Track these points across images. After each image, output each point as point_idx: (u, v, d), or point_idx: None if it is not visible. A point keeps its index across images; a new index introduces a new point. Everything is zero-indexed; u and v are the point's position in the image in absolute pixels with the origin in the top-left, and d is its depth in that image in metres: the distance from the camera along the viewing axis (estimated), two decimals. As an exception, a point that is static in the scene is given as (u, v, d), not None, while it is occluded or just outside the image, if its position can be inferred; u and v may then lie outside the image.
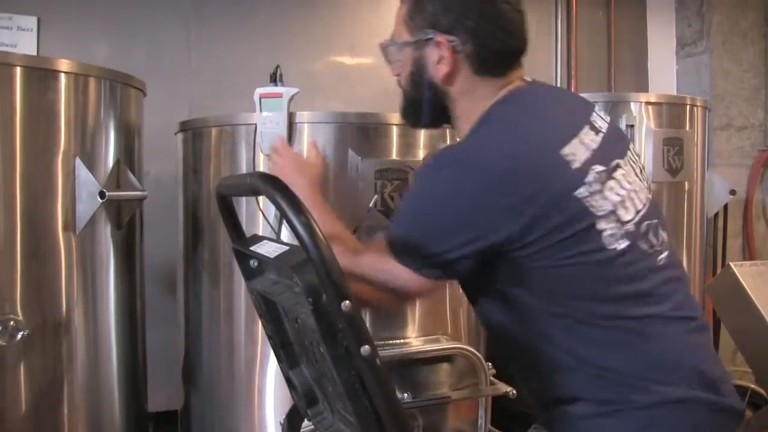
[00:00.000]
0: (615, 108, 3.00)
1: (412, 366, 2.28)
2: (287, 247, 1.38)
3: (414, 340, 2.36)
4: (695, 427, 1.50)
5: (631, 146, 1.68)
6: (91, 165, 2.17)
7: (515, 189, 1.44)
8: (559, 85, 4.37)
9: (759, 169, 4.50)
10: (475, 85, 1.65)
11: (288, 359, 1.68)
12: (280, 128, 2.25)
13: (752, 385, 3.42)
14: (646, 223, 1.55)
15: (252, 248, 1.54)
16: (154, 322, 2.78)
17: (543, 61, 4.38)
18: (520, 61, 1.69)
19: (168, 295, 3.06)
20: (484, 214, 1.46)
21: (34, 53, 3.24)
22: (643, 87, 4.57)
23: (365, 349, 1.14)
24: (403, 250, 1.54)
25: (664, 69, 4.63)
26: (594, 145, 1.53)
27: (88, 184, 2.13)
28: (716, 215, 3.70)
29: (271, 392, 2.40)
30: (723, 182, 3.45)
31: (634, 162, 1.63)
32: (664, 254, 1.57)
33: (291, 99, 2.24)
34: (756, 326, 2.87)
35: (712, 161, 4.26)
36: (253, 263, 1.63)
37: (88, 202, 2.13)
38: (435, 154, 1.63)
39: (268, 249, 1.47)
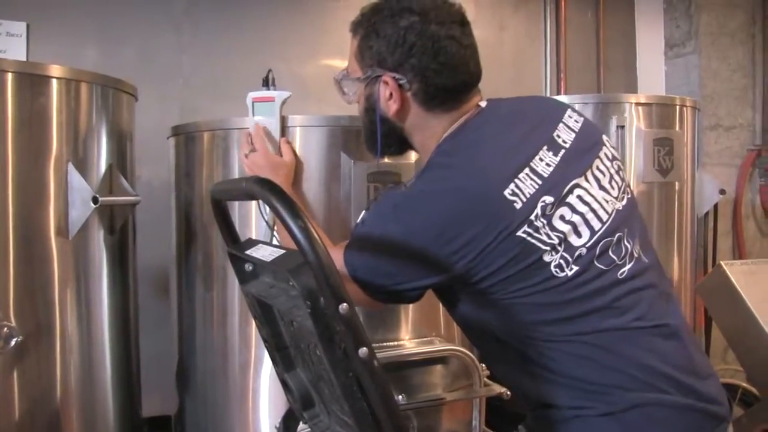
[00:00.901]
0: (605, 109, 3.01)
1: (407, 368, 2.28)
2: (283, 251, 1.39)
3: (408, 342, 2.37)
4: (662, 428, 1.53)
5: (604, 149, 1.68)
6: (84, 170, 2.16)
7: (456, 237, 1.47)
8: (548, 86, 4.39)
9: (747, 169, 4.52)
10: (427, 120, 1.69)
11: (284, 362, 1.68)
12: (272, 132, 2.25)
13: (743, 384, 3.44)
14: (605, 241, 1.55)
15: (247, 252, 1.54)
16: (148, 326, 2.77)
17: (532, 62, 4.40)
18: (475, 90, 1.71)
19: (161, 300, 3.05)
20: (426, 260, 1.51)
21: (24, 59, 3.23)
22: (633, 88, 4.58)
23: (363, 351, 1.15)
24: (353, 271, 1.58)
25: (653, 69, 4.65)
26: (547, 172, 1.54)
27: (80, 189, 2.12)
28: (706, 215, 3.71)
29: (265, 396, 2.40)
30: (713, 182, 3.46)
31: (602, 171, 1.63)
32: (628, 266, 1.58)
33: (284, 103, 2.24)
34: (747, 325, 2.88)
35: (702, 161, 4.28)
36: (248, 267, 1.63)
37: (81, 208, 2.13)
38: (387, 194, 1.67)
39: (263, 253, 1.47)
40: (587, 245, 1.53)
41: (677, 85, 4.55)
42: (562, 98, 3.21)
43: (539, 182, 1.52)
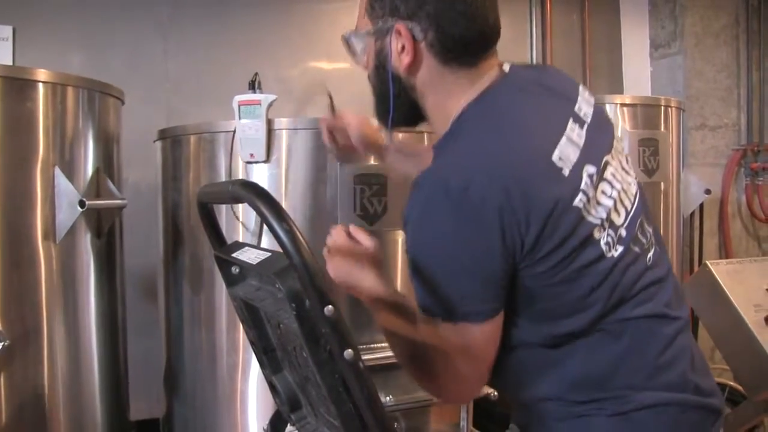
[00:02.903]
0: (591, 110, 3.02)
1: (394, 369, 2.28)
2: (269, 254, 1.39)
3: (395, 344, 2.37)
4: (670, 428, 1.48)
5: (615, 133, 1.60)
6: (71, 174, 2.17)
7: (515, 212, 1.32)
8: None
9: (733, 168, 4.54)
10: (444, 76, 1.54)
11: (271, 365, 1.68)
12: (259, 135, 2.26)
13: (730, 383, 3.45)
14: (636, 222, 1.50)
15: (234, 255, 1.54)
16: (136, 329, 2.77)
17: (519, 64, 4.41)
18: (494, 50, 1.57)
19: (149, 303, 3.05)
20: (494, 242, 1.34)
21: (10, 63, 3.22)
22: (618, 89, 4.60)
23: (348, 353, 1.15)
24: (438, 309, 1.40)
25: (638, 70, 4.67)
26: (581, 141, 1.44)
27: (67, 193, 2.13)
28: (692, 215, 3.74)
29: (253, 398, 2.41)
30: (698, 182, 3.49)
31: (620, 152, 1.56)
32: (652, 252, 1.52)
33: (269, 106, 2.25)
34: (733, 324, 2.90)
35: (687, 161, 4.31)
36: (235, 270, 1.63)
37: (67, 211, 2.13)
38: (419, 186, 1.42)
39: (249, 256, 1.47)
40: (625, 225, 1.46)
41: (663, 85, 4.57)
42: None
43: (578, 150, 1.42)
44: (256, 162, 2.33)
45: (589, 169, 1.42)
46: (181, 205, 2.55)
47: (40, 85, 2.12)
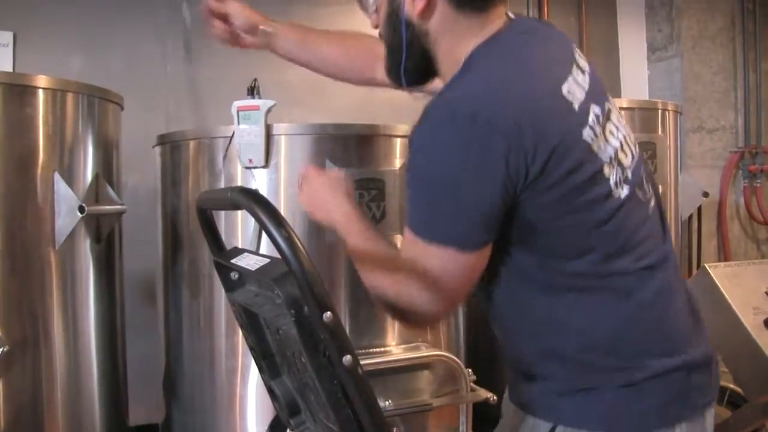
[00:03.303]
0: (588, 114, 3.03)
1: (393, 374, 2.29)
2: (268, 260, 1.39)
3: (394, 348, 2.37)
4: (677, 393, 1.47)
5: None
6: (70, 180, 2.17)
7: (522, 140, 1.32)
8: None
9: (731, 170, 4.55)
10: (457, 22, 1.52)
11: (270, 370, 1.68)
12: (258, 140, 2.26)
13: (731, 385, 3.45)
14: (641, 168, 1.50)
15: (233, 261, 1.54)
16: (135, 334, 2.78)
17: (516, 67, 4.41)
18: None
19: (148, 308, 3.05)
20: (497, 169, 1.33)
21: (10, 69, 3.23)
22: (616, 92, 4.60)
23: (347, 359, 1.15)
24: (430, 229, 1.40)
25: (636, 73, 4.68)
26: (586, 85, 1.46)
27: (67, 198, 2.13)
28: (690, 217, 3.73)
29: (252, 403, 2.41)
30: (696, 184, 3.50)
31: (616, 107, 1.56)
32: (652, 203, 1.53)
33: (268, 111, 2.25)
34: (732, 327, 2.89)
35: (685, 163, 4.31)
36: (234, 275, 1.63)
37: (67, 217, 2.14)
38: (427, 114, 1.41)
39: (248, 262, 1.47)
40: (632, 168, 1.46)
41: (660, 88, 4.58)
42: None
43: (584, 92, 1.43)
44: (255, 167, 2.33)
45: (595, 109, 1.43)
46: (180, 211, 2.55)
47: (40, 91, 2.13)
